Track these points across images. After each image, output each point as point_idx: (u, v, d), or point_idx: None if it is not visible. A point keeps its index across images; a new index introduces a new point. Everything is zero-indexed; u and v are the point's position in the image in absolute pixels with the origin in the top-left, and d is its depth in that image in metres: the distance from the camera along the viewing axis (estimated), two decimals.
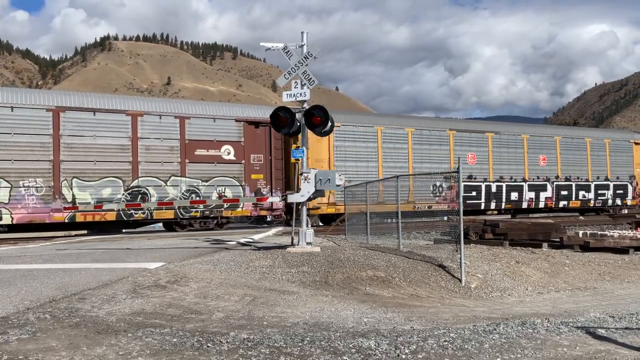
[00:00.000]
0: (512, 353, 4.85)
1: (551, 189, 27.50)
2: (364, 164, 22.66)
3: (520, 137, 26.97)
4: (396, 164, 23.18)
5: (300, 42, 12.06)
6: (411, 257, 11.38)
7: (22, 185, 17.37)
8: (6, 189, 17.15)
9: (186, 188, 19.53)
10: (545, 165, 27.44)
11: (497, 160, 26.07)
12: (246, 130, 20.50)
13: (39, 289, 7.42)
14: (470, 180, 25.07)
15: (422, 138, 24.26)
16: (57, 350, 4.65)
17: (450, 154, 24.72)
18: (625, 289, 10.52)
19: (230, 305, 7.03)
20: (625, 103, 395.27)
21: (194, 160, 19.72)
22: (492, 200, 25.85)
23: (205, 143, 19.93)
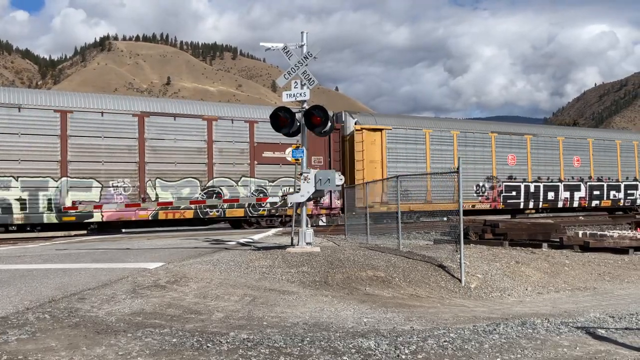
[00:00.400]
0: (512, 353, 4.85)
1: (584, 189, 28.80)
2: (413, 164, 23.82)
3: (556, 139, 28.22)
4: (443, 165, 24.06)
5: (300, 42, 12.06)
6: (411, 257, 11.37)
7: (111, 185, 18.70)
8: (97, 189, 18.43)
9: (255, 188, 20.87)
10: (579, 166, 28.68)
11: (535, 161, 27.29)
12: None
13: (39, 289, 7.41)
14: (510, 181, 26.46)
15: (466, 140, 25.47)
16: (57, 350, 4.65)
17: (492, 156, 26.01)
18: (625, 289, 10.52)
19: (230, 305, 7.02)
20: (625, 103, 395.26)
21: (262, 162, 21.09)
22: (530, 200, 27.06)
23: (272, 146, 21.18)
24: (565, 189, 28.09)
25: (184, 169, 19.72)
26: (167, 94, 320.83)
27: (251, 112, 21.44)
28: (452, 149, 24.97)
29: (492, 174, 25.96)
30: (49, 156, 18.00)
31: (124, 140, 18.95)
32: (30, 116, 17.86)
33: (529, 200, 26.95)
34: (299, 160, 12.05)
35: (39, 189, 17.79)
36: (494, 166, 25.90)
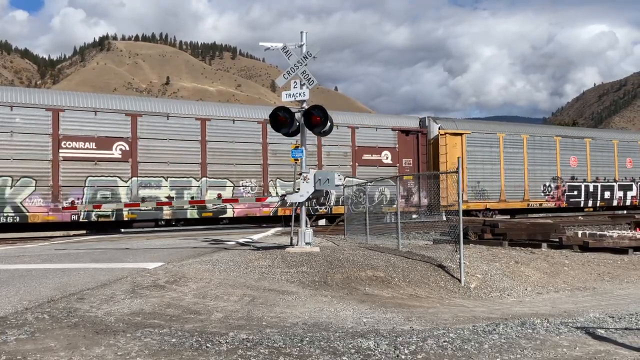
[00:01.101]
0: (511, 353, 4.84)
1: (636, 189, 30.59)
2: (489, 166, 25.78)
3: (611, 142, 30.10)
4: (514, 166, 26.49)
5: (299, 42, 12.05)
6: (410, 257, 11.37)
7: (241, 184, 20.79)
8: (230, 188, 20.53)
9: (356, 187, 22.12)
10: (632, 167, 30.48)
11: (594, 162, 29.19)
12: (399, 137, 24.09)
13: (38, 289, 7.40)
14: (572, 181, 28.47)
15: (535, 143, 27.39)
16: (56, 350, 4.64)
17: (557, 158, 27.99)
18: (624, 289, 10.52)
19: (229, 305, 7.01)
20: (624, 103, 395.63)
21: (362, 164, 23.12)
22: (589, 199, 29.06)
23: (370, 149, 23.41)
24: (619, 189, 29.93)
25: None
26: (166, 93, 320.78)
27: (352, 119, 23.87)
28: (522, 152, 26.86)
29: (557, 174, 27.94)
30: (192, 159, 20.07)
31: (251, 144, 21.09)
32: (177, 123, 19.93)
33: (588, 199, 28.92)
34: (298, 160, 12.04)
35: (184, 188, 19.83)
36: (559, 167, 27.92)
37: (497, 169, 25.94)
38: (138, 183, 19.01)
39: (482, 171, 25.40)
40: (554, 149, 27.84)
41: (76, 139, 18.37)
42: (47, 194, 17.86)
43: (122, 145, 19.03)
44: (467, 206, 24.58)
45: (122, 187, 18.91)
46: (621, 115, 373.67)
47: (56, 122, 18.11)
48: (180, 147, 19.86)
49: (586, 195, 28.79)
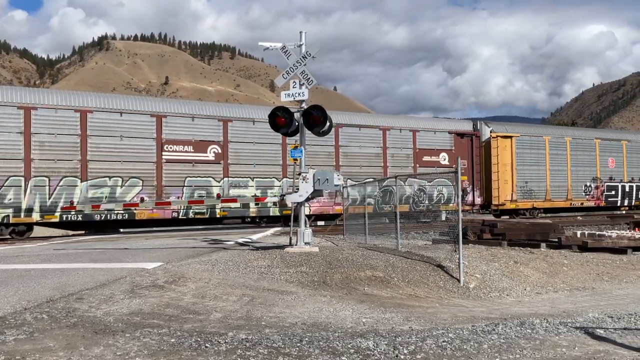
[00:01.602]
0: (511, 353, 4.84)
1: None
2: (536, 167, 27.34)
3: None
4: (558, 168, 28.08)
5: (298, 42, 12.04)
6: (410, 257, 11.37)
7: None
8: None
9: (417, 187, 24.36)
10: None
11: (629, 163, 30.64)
12: (455, 140, 25.62)
13: (36, 289, 7.39)
14: (610, 181, 29.89)
15: (577, 146, 28.93)
16: (55, 350, 4.63)
17: (596, 160, 29.45)
18: (623, 289, 10.53)
19: (229, 305, 7.01)
20: (623, 103, 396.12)
21: (422, 165, 24.56)
22: (625, 198, 30.44)
23: (429, 151, 24.94)
24: None
25: (368, 171, 23.20)
26: (165, 93, 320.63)
27: (414, 123, 25.64)
28: (565, 154, 28.45)
29: (597, 175, 29.45)
30: (274, 160, 21.68)
31: (326, 147, 22.44)
32: (261, 128, 20.86)
33: (624, 199, 30.36)
34: (297, 160, 12.03)
35: (267, 187, 21.34)
36: (598, 168, 29.42)
37: (543, 170, 27.53)
38: (229, 183, 20.54)
39: (530, 172, 26.96)
40: (594, 151, 29.35)
41: (176, 142, 20.04)
42: (152, 193, 19.34)
43: (215, 149, 20.77)
44: (515, 205, 26.49)
45: (215, 187, 20.46)
46: (620, 116, 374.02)
47: (159, 127, 19.72)
48: (265, 150, 21.54)
49: (622, 194, 30.17)
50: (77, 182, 18.34)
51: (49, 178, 17.97)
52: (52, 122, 18.12)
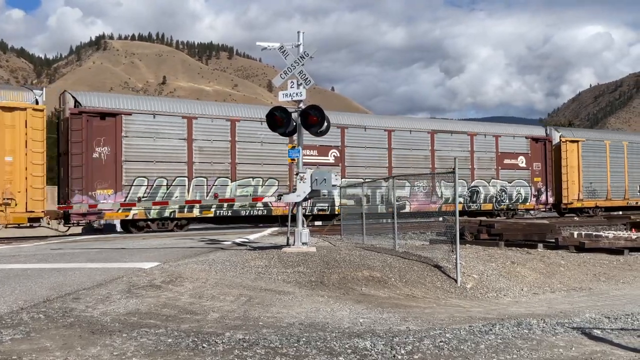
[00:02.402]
0: (508, 354, 4.85)
1: None
2: (598, 169, 29.90)
3: None
4: (617, 169, 30.61)
5: (296, 42, 12.04)
6: (407, 257, 11.37)
7: (416, 185, 24.70)
8: (408, 188, 24.63)
9: (499, 188, 26.88)
10: None
11: None
12: (531, 144, 28.22)
13: (33, 289, 7.37)
14: None
15: (632, 149, 31.61)
16: (51, 350, 4.62)
17: None
18: (620, 289, 10.55)
19: (226, 305, 7.00)
20: (620, 104, 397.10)
21: (503, 167, 27.19)
22: None
23: (509, 155, 27.52)
24: None
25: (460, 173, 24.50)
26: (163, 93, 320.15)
27: (497, 129, 28.31)
28: (623, 157, 31.01)
29: None
30: (382, 163, 24.22)
31: (421, 151, 25.15)
32: (371, 134, 24.14)
33: None
34: (294, 160, 12.02)
35: (376, 187, 23.29)
36: None
37: (604, 171, 30.11)
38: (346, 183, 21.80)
39: (593, 173, 29.61)
40: None
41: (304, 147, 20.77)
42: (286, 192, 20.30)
43: (334, 152, 23.33)
44: (581, 204, 29.44)
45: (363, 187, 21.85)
46: (617, 116, 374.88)
47: None
48: (375, 154, 24.16)
49: None
50: (228, 182, 20.98)
51: (206, 178, 20.58)
52: (209, 130, 20.74)
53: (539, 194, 27.86)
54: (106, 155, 18.78)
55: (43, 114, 17.91)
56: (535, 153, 28.17)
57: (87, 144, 18.49)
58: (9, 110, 17.37)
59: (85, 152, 18.42)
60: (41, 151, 17.77)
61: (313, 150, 22.38)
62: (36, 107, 17.77)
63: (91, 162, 18.53)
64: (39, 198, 17.57)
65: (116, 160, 18.96)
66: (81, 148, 18.37)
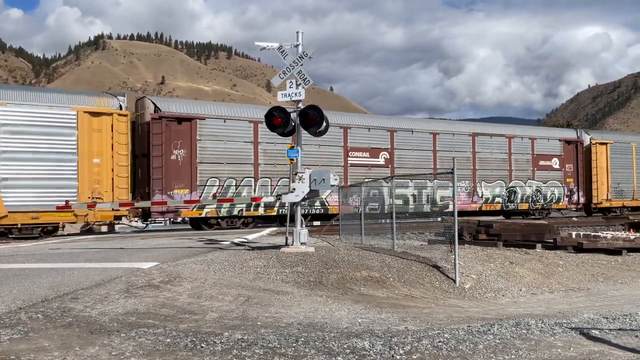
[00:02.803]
0: (506, 354, 4.85)
1: None
2: (625, 170, 30.82)
3: None
4: None
5: (295, 42, 12.03)
6: (405, 257, 11.38)
7: (458, 185, 25.00)
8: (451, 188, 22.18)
9: (535, 188, 28.05)
10: None
11: None
12: (564, 147, 29.38)
13: (31, 289, 7.36)
14: None
15: None
16: (50, 350, 4.62)
17: None
18: (618, 289, 10.56)
19: (224, 305, 7.00)
20: (618, 105, 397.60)
21: (538, 169, 28.37)
22: None
23: (544, 156, 28.68)
24: None
25: (496, 174, 26.95)
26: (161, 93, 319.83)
27: (532, 132, 29.46)
28: None
29: None
30: (428, 164, 25.21)
31: (464, 153, 26.12)
32: (418, 137, 25.24)
33: None
34: (293, 160, 12.02)
35: (422, 187, 24.74)
36: None
37: (631, 172, 31.07)
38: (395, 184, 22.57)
39: (620, 175, 30.54)
40: None
41: (357, 149, 23.69)
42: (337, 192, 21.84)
43: (385, 154, 24.40)
44: (610, 204, 30.30)
45: (385, 187, 22.65)
46: (615, 117, 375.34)
47: (346, 137, 23.42)
48: (420, 156, 25.21)
49: None
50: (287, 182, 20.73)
51: (270, 179, 21.74)
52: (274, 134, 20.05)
53: (571, 194, 29.14)
54: (182, 157, 20.02)
55: (127, 119, 19.08)
56: (568, 155, 29.34)
57: (166, 147, 19.68)
58: (97, 116, 18.49)
59: (164, 155, 19.59)
60: (125, 153, 18.85)
61: (365, 152, 23.79)
62: (121, 112, 18.88)
63: (169, 164, 19.71)
64: (124, 197, 18.50)
65: (191, 162, 20.15)
66: (161, 150, 19.52)
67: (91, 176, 18.22)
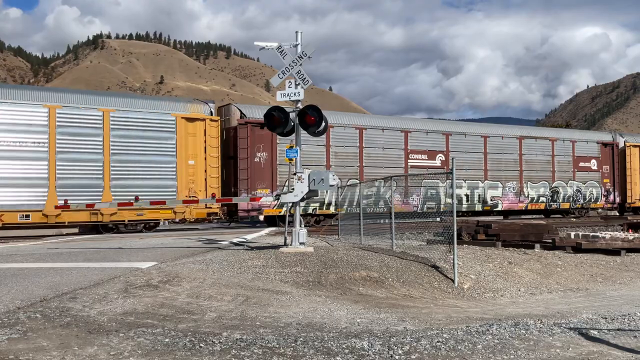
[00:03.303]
0: (505, 354, 4.85)
1: None
2: None
3: None
4: None
5: (294, 42, 12.03)
6: (404, 257, 11.38)
7: (506, 185, 27.43)
8: (500, 188, 27.25)
9: (576, 188, 29.62)
10: None
11: None
12: (601, 149, 30.83)
13: (30, 288, 7.36)
14: None
15: None
16: (48, 350, 4.61)
17: None
18: (617, 290, 10.57)
19: (223, 305, 7.00)
20: (617, 105, 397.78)
21: (579, 170, 29.84)
22: None
23: (583, 158, 30.15)
24: None
25: (541, 175, 28.69)
26: (161, 92, 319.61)
27: (572, 135, 31.11)
28: None
29: None
30: (478, 166, 26.74)
31: (511, 155, 27.74)
32: (471, 140, 26.91)
33: None
34: (292, 160, 12.01)
35: (474, 188, 26.46)
36: None
37: None
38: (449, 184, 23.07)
39: None
40: None
41: (416, 152, 25.44)
42: (402, 192, 24.28)
43: (440, 156, 25.92)
44: None
45: (441, 187, 25.45)
46: (614, 117, 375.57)
47: (406, 140, 25.20)
48: (473, 158, 26.77)
49: None
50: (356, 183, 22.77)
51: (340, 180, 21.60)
52: (342, 137, 23.61)
53: (608, 194, 30.71)
54: (264, 160, 21.77)
55: (217, 124, 21.04)
56: (604, 156, 30.81)
57: (251, 150, 21.46)
58: (191, 121, 20.46)
59: (249, 157, 21.39)
60: (216, 155, 20.71)
61: (424, 154, 25.53)
62: (212, 118, 20.95)
63: (253, 166, 21.46)
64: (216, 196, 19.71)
65: (272, 164, 21.89)
66: (246, 153, 21.36)
67: (187, 176, 20.09)
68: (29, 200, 17.78)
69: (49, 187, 18.02)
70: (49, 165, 18.04)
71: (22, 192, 17.76)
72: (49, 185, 18.03)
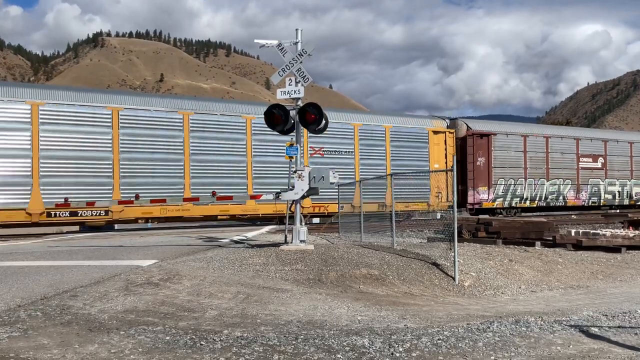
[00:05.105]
0: (505, 351, 4.85)
1: None
2: None
3: None
4: None
5: (294, 40, 12.01)
6: (405, 255, 11.37)
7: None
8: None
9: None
10: None
11: None
12: None
13: (30, 286, 7.36)
14: None
15: None
16: (49, 348, 4.61)
17: None
18: (617, 287, 10.56)
19: (224, 303, 7.00)
20: (618, 103, 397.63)
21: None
22: None
23: None
24: None
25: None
26: (161, 90, 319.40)
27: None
28: None
29: None
30: (626, 167, 30.87)
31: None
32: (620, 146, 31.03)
33: None
34: (292, 158, 12.00)
35: (624, 185, 30.82)
36: None
37: None
38: (607, 183, 30.26)
39: None
40: None
41: (585, 156, 29.56)
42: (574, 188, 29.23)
43: (601, 160, 30.15)
44: None
45: (601, 185, 30.01)
46: (614, 115, 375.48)
47: (577, 146, 29.47)
48: (622, 160, 30.86)
49: None
50: (544, 182, 28.31)
51: (534, 179, 28.03)
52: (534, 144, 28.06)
53: None
54: (482, 163, 26.61)
55: (453, 135, 26.11)
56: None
57: (474, 156, 26.39)
58: (436, 133, 25.73)
59: (473, 162, 26.30)
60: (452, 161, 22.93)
61: (589, 158, 29.71)
62: (449, 131, 26.17)
63: (476, 168, 26.28)
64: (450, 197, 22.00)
65: (488, 166, 26.61)
66: (472, 158, 26.30)
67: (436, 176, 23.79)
68: None
69: None
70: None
71: None
72: None
